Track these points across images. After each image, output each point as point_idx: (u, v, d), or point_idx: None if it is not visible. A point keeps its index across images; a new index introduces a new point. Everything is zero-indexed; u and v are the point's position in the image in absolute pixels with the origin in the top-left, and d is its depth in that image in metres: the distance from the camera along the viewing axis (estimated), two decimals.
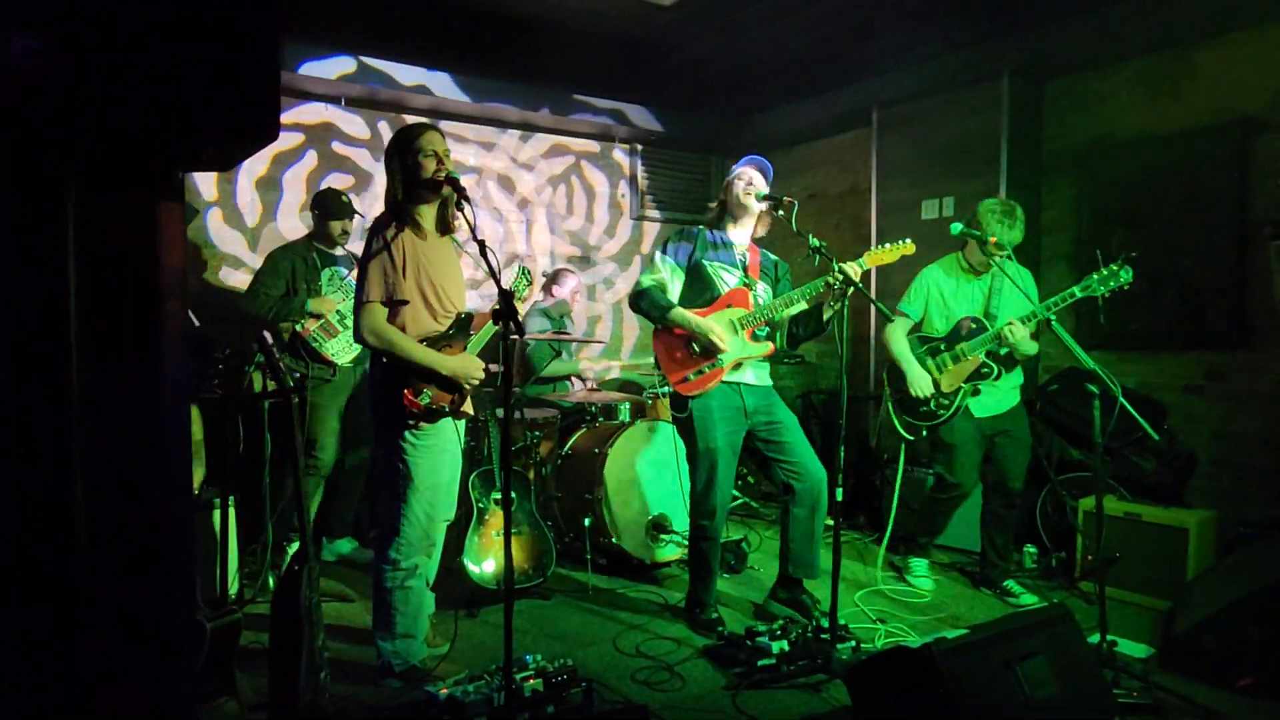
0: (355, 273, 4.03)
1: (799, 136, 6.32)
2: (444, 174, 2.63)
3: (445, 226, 2.80)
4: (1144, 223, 4.39)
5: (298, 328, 3.93)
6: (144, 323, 1.21)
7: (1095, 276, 3.19)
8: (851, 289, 3.00)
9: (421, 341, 2.69)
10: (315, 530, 4.16)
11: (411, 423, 2.67)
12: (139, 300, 1.20)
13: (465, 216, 2.55)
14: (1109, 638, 2.72)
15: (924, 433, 3.72)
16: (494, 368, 3.97)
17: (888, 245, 3.19)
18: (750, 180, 3.29)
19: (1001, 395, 3.68)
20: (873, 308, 4.33)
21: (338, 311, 3.99)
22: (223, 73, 1.07)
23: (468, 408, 2.83)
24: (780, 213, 3.14)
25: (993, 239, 3.48)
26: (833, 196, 6.17)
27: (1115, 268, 3.16)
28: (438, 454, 2.73)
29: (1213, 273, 4.15)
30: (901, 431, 3.77)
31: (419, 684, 2.69)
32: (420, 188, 2.68)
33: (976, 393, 3.63)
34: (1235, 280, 4.08)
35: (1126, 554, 3.61)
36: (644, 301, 3.29)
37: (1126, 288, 3.16)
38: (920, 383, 3.62)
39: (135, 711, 1.40)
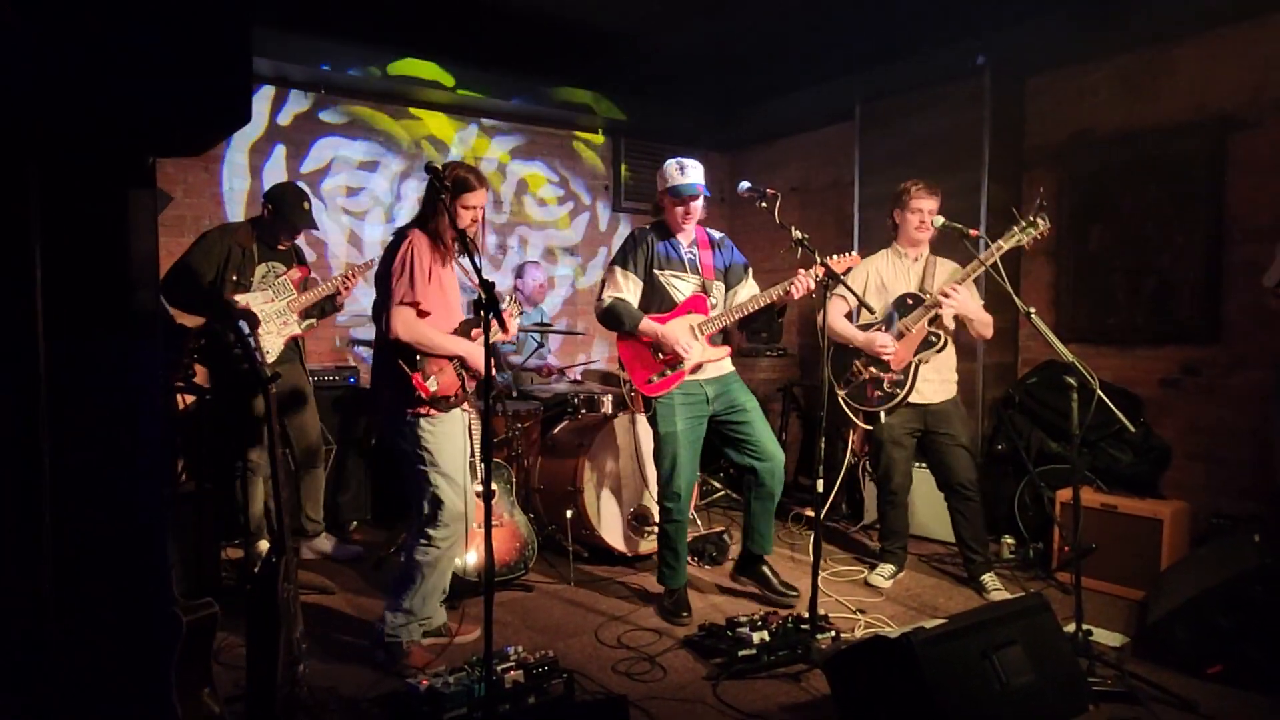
0: (293, 271, 3.81)
1: (782, 130, 6.33)
2: (473, 230, 2.88)
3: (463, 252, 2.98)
4: (1122, 218, 4.44)
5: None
6: (114, 312, 1.19)
7: (1016, 227, 3.30)
8: (833, 283, 3.03)
9: None
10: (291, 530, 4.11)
11: (424, 410, 2.81)
12: (108, 289, 1.18)
13: (444, 207, 2.60)
14: (1085, 627, 2.76)
15: (883, 416, 3.68)
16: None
17: (837, 257, 3.34)
18: (689, 211, 3.39)
19: (938, 385, 3.67)
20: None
21: (259, 312, 3.68)
22: (192, 56, 1.05)
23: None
24: (763, 205, 3.15)
25: (974, 231, 3.50)
26: (816, 190, 6.19)
27: (1034, 217, 3.27)
28: (454, 439, 2.89)
29: (1189, 268, 4.20)
30: (860, 423, 3.76)
31: (395, 661, 2.83)
32: (450, 229, 2.84)
33: (924, 360, 3.61)
34: (1211, 276, 4.13)
35: (1102, 545, 3.65)
36: (612, 318, 3.42)
37: (1043, 236, 3.29)
38: (880, 340, 3.59)
39: (112, 704, 1.38)
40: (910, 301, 3.62)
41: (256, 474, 3.77)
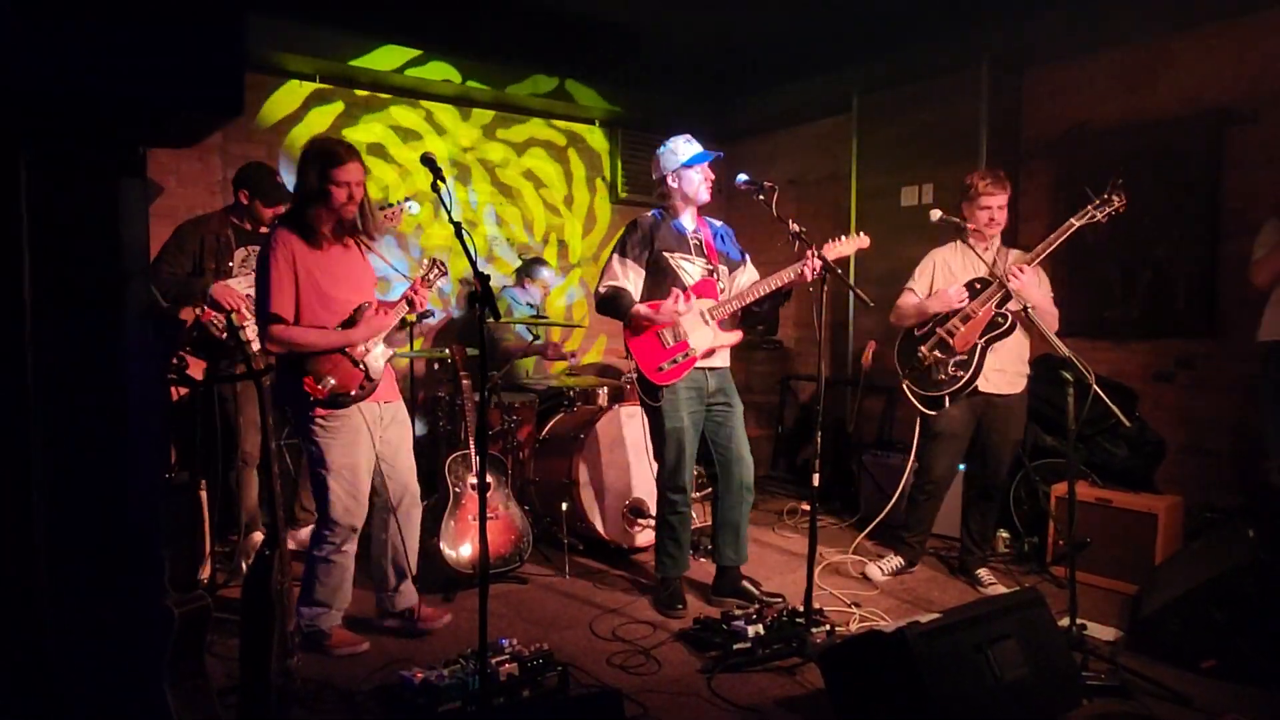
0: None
1: (780, 122, 6.30)
2: (353, 208, 2.78)
3: (350, 230, 2.87)
4: (1118, 211, 4.43)
5: (197, 313, 3.57)
6: (105, 302, 1.18)
7: (1090, 205, 3.27)
8: (829, 274, 3.01)
9: None
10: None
11: (320, 409, 2.79)
12: (99, 279, 1.16)
13: (442, 198, 2.56)
14: (1079, 621, 2.76)
15: (947, 402, 3.56)
16: (471, 351, 3.96)
17: (844, 238, 3.29)
18: (707, 176, 3.39)
19: (1011, 376, 3.58)
20: (850, 294, 4.35)
21: (248, 294, 3.62)
22: (185, 43, 1.04)
23: (386, 393, 2.94)
24: (760, 198, 3.13)
25: (970, 225, 3.49)
26: (813, 182, 6.17)
27: (1108, 195, 3.22)
28: (349, 436, 2.82)
29: (1185, 261, 4.20)
30: (922, 409, 3.63)
31: (320, 645, 2.86)
32: (330, 212, 2.77)
33: (991, 345, 3.50)
34: (1206, 269, 4.13)
35: (1097, 539, 3.66)
36: (608, 307, 3.38)
37: (1121, 211, 3.26)
38: (954, 291, 3.51)
39: (102, 699, 1.37)
40: (979, 285, 3.52)
41: (249, 465, 3.76)
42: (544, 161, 6.11)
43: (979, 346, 3.52)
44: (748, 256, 3.62)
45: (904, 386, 3.67)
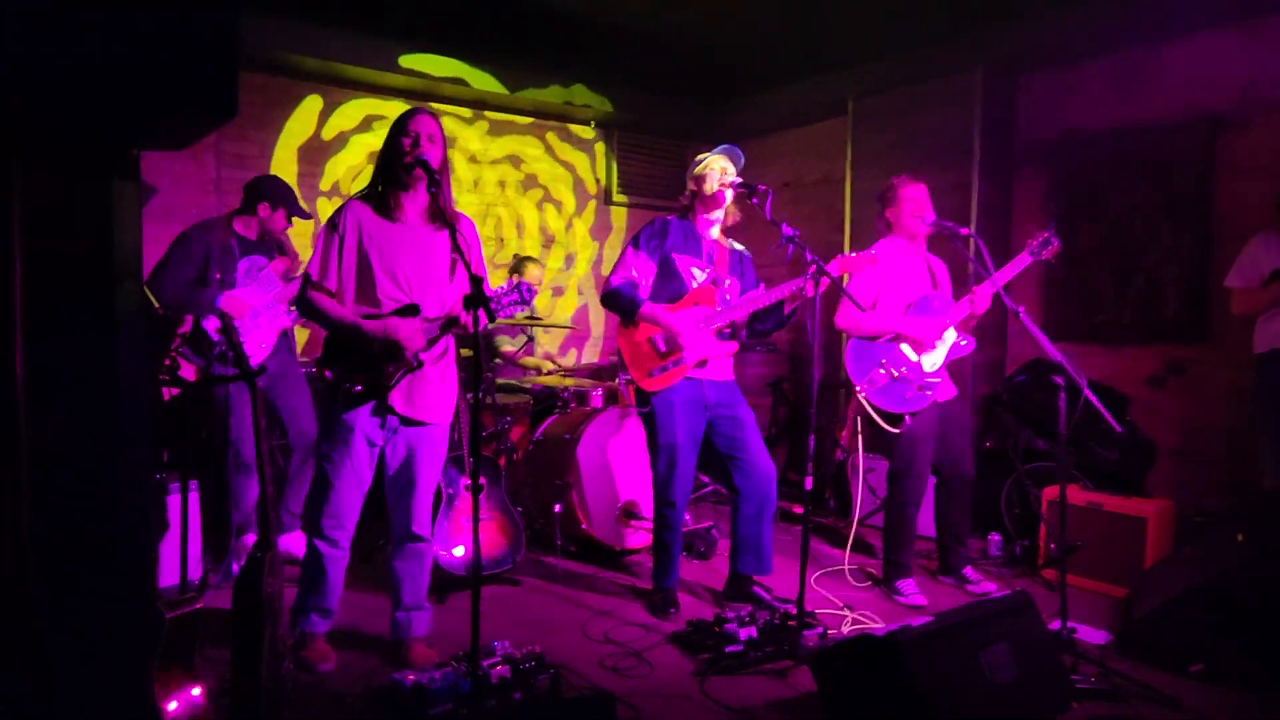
0: (276, 263, 3.74)
1: (775, 125, 6.32)
2: (413, 156, 2.58)
3: (433, 214, 2.71)
4: (1111, 216, 4.46)
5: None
6: (97, 304, 1.18)
7: (1036, 239, 3.37)
8: (823, 277, 3.01)
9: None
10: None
11: (336, 406, 2.66)
12: (91, 281, 1.16)
13: (437, 199, 2.54)
14: (1069, 624, 2.77)
15: (908, 419, 3.50)
16: (464, 352, 3.95)
17: (855, 254, 3.22)
18: (725, 170, 3.33)
19: (948, 380, 3.63)
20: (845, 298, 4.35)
21: (252, 308, 3.62)
22: (178, 44, 1.03)
23: (403, 405, 2.69)
24: (754, 201, 3.13)
25: (964, 230, 3.50)
26: (807, 185, 6.19)
27: (1046, 236, 3.34)
28: (338, 437, 2.68)
29: (1176, 267, 4.23)
30: (886, 425, 3.49)
31: (301, 649, 2.75)
32: (396, 169, 2.65)
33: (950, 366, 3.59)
34: (1198, 275, 4.16)
35: (1087, 542, 3.67)
36: (614, 301, 3.34)
37: (1053, 260, 3.39)
38: (930, 331, 3.47)
39: (92, 702, 1.37)
40: (938, 305, 3.51)
41: (244, 471, 3.74)
42: (538, 163, 6.10)
43: (945, 369, 3.55)
44: (763, 286, 3.55)
45: (861, 399, 3.51)
